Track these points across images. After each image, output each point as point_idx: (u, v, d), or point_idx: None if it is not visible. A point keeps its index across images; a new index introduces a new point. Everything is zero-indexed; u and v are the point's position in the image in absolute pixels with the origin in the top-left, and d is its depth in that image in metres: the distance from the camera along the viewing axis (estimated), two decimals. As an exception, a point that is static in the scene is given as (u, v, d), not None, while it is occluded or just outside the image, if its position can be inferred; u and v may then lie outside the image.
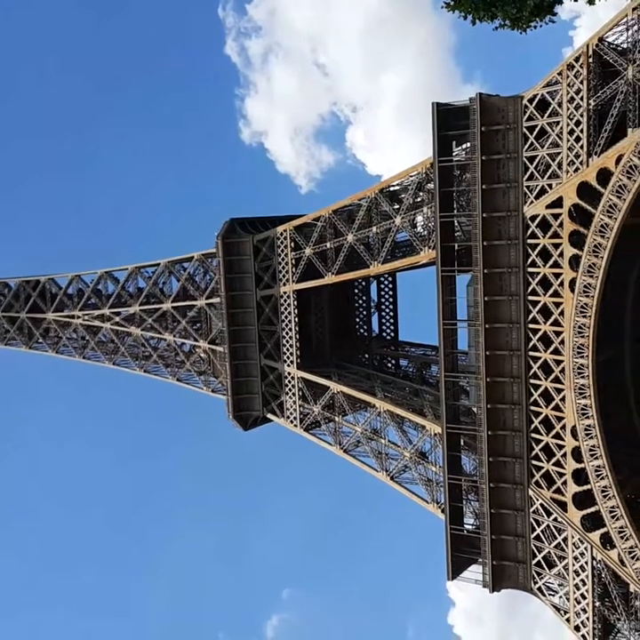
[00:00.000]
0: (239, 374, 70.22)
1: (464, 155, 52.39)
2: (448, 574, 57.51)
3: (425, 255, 56.11)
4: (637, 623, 50.52)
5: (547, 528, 53.13)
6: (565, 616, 53.36)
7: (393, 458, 62.92)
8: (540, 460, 52.44)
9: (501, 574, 55.55)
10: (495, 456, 53.92)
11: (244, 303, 68.78)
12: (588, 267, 46.61)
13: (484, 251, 50.72)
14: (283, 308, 67.37)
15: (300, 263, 64.99)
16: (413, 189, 56.26)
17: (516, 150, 48.90)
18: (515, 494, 54.39)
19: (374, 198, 59.15)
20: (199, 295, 72.28)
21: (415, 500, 60.97)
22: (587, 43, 44.58)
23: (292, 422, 68.91)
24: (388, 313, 79.13)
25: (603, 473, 48.89)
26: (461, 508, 58.07)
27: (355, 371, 71.78)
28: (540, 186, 48.14)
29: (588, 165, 45.41)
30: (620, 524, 48.86)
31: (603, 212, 45.35)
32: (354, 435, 65.03)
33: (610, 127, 44.37)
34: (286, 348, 68.02)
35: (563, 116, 46.07)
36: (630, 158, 43.65)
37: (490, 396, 53.00)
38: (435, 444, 59.13)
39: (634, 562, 48.71)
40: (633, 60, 43.13)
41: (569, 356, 48.95)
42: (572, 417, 49.71)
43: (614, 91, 44.04)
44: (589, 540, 50.60)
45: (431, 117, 50.96)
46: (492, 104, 49.20)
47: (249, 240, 67.42)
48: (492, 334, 52.21)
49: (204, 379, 74.64)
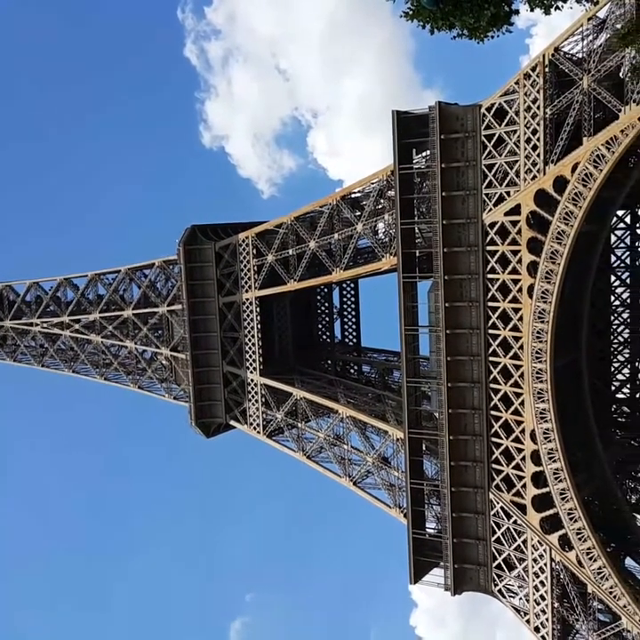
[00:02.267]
0: (201, 381, 69.98)
1: (424, 162, 52.97)
2: (410, 578, 57.89)
3: (386, 262, 56.55)
4: (595, 623, 51.33)
5: (507, 531, 53.78)
6: (525, 617, 54.04)
7: (356, 463, 63.15)
8: (501, 463, 53.11)
9: (463, 577, 56.07)
10: (456, 460, 54.47)
11: (206, 310, 68.60)
12: (546, 273, 47.42)
13: (444, 257, 51.30)
14: (245, 314, 67.33)
15: (263, 270, 65.05)
16: (374, 196, 56.71)
17: (474, 158, 49.59)
18: (476, 498, 54.99)
19: (336, 205, 59.49)
20: (160, 302, 71.91)
21: (378, 505, 61.27)
22: (543, 52, 45.41)
23: (255, 429, 68.84)
24: (350, 319, 79.56)
25: (561, 475, 49.69)
26: (423, 513, 58.52)
27: (317, 377, 71.95)
28: (499, 193, 48.88)
29: (545, 173, 46.26)
30: (577, 525, 49.68)
31: (559, 219, 46.20)
32: (317, 441, 65.16)
33: (566, 136, 45.25)
34: (249, 355, 67.97)
35: (520, 124, 46.88)
36: (586, 166, 44.56)
37: (451, 401, 53.55)
38: (397, 449, 59.51)
39: (591, 563, 49.54)
40: (588, 70, 44.04)
41: (528, 361, 49.70)
42: (530, 421, 50.45)
43: (570, 100, 44.92)
44: (548, 542, 51.35)
45: (391, 125, 51.48)
46: (450, 112, 49.85)
47: (211, 247, 67.30)
48: (452, 340, 52.79)
49: (166, 386, 74.21)
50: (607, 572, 49.12)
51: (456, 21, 29.80)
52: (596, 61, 43.71)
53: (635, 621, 48.59)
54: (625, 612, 48.93)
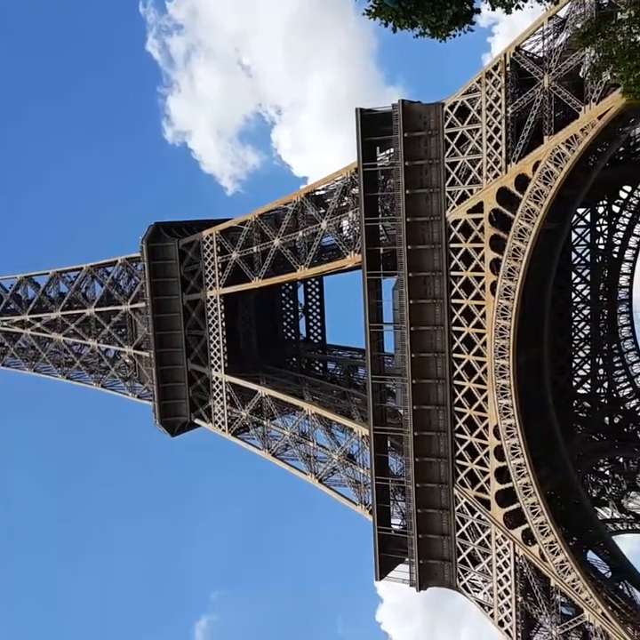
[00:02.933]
0: (165, 380, 69.46)
1: (388, 160, 53.10)
2: (376, 574, 58.09)
3: (351, 259, 56.60)
4: (558, 617, 51.99)
5: (471, 526, 54.22)
6: (489, 612, 54.54)
7: (321, 460, 63.15)
8: (465, 459, 53.51)
9: (428, 573, 56.41)
10: (421, 456, 54.75)
11: (170, 308, 68.11)
12: (508, 270, 47.84)
13: (408, 255, 51.48)
14: (210, 312, 66.98)
15: (227, 267, 64.75)
16: (339, 194, 56.72)
17: (437, 156, 49.82)
18: (440, 494, 55.34)
19: (300, 202, 59.39)
20: (124, 300, 71.25)
21: (343, 502, 61.38)
22: (504, 51, 45.77)
23: (220, 427, 68.54)
24: (315, 317, 79.58)
25: (524, 471, 50.21)
26: (389, 509, 58.74)
27: (283, 374, 71.84)
28: (462, 191, 49.17)
29: (507, 172, 46.64)
30: (540, 520, 50.24)
31: (521, 217, 46.63)
32: (282, 438, 65.06)
33: (527, 134, 45.66)
34: (214, 353, 67.64)
35: (482, 123, 47.20)
36: (546, 165, 45.02)
37: (415, 397, 53.81)
38: (362, 445, 59.65)
39: (554, 557, 50.14)
40: (549, 69, 44.47)
41: (491, 358, 50.13)
42: (494, 417, 50.89)
43: (531, 99, 45.34)
44: (512, 537, 51.87)
45: (355, 123, 51.52)
46: (413, 110, 50.01)
47: (174, 244, 66.83)
48: (417, 337, 53.02)
49: (130, 385, 73.55)
50: (569, 565, 49.74)
51: (418, 20, 29.84)
52: (556, 60, 44.18)
53: (596, 614, 49.28)
54: (587, 604, 49.60)
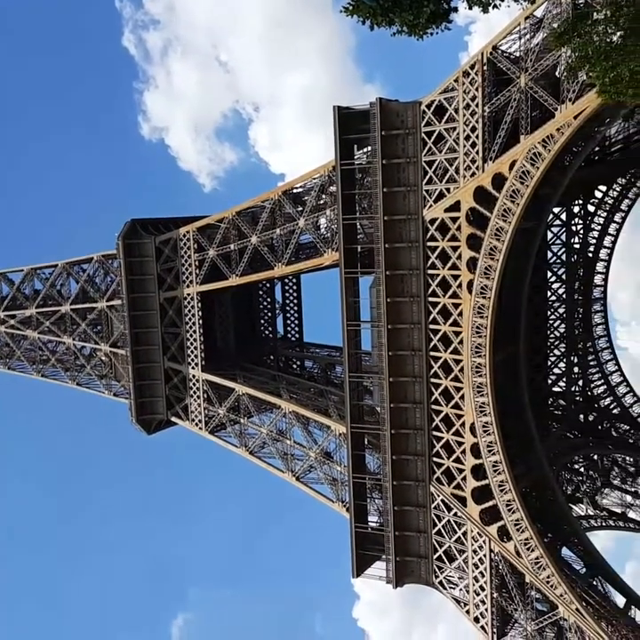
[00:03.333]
0: (142, 377, 69.08)
1: (365, 158, 53.11)
2: (353, 572, 58.19)
3: (328, 257, 56.61)
4: (533, 613, 52.37)
5: (447, 523, 54.46)
6: (465, 608, 54.83)
7: (299, 458, 63.15)
8: (441, 457, 53.73)
9: (404, 570, 56.60)
10: (398, 454, 54.91)
11: (147, 305, 67.72)
12: (485, 269, 48.06)
13: (385, 253, 51.57)
14: (186, 310, 66.71)
15: (204, 265, 64.51)
16: (316, 192, 56.68)
17: (415, 155, 49.92)
18: (417, 491, 55.54)
19: (278, 200, 59.28)
20: (99, 297, 70.78)
21: (321, 500, 61.41)
22: (481, 51, 45.93)
23: (197, 425, 68.30)
24: (292, 314, 79.55)
25: (500, 468, 50.51)
26: (366, 507, 58.81)
27: (260, 372, 71.75)
28: (439, 190, 49.32)
29: (484, 170, 46.83)
30: (516, 516, 50.59)
31: (498, 215, 46.86)
32: (259, 436, 64.97)
33: (504, 133, 45.88)
34: (190, 351, 67.38)
35: (459, 121, 47.35)
36: (523, 164, 45.26)
37: (393, 395, 53.92)
38: (339, 443, 59.71)
39: (529, 553, 50.51)
40: (525, 69, 44.69)
41: (467, 356, 50.34)
42: (470, 414, 51.14)
43: (508, 98, 45.55)
44: (487, 534, 52.18)
45: (333, 121, 51.50)
46: (391, 109, 50.07)
47: (151, 241, 66.46)
48: (394, 335, 53.14)
49: (106, 382, 73.09)
50: (544, 561, 50.13)
51: (395, 18, 29.89)
52: (532, 60, 44.41)
53: (571, 610, 49.72)
54: (561, 600, 50.02)
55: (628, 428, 75.85)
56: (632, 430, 75.74)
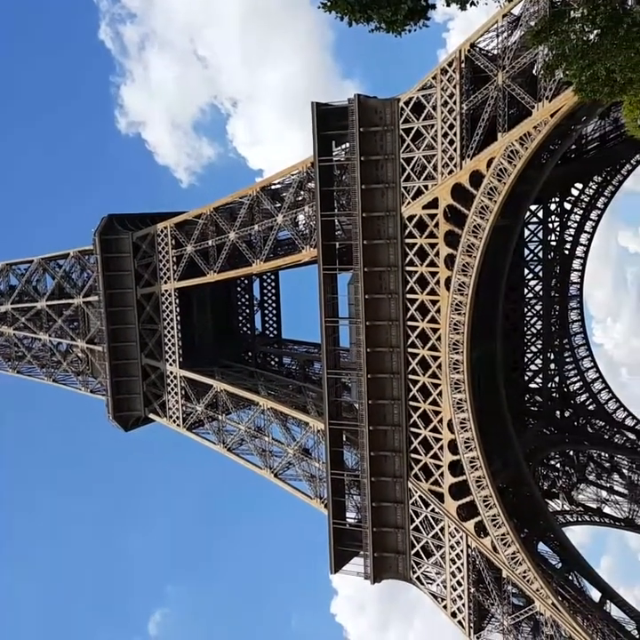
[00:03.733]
0: (119, 374, 68.69)
1: (344, 155, 53.11)
2: (331, 568, 58.29)
3: (307, 253, 56.57)
4: (510, 607, 52.76)
5: (425, 519, 54.69)
6: (442, 603, 55.11)
7: (277, 455, 63.12)
8: (419, 453, 53.93)
9: (382, 565, 56.78)
10: (376, 450, 55.03)
11: (124, 301, 67.31)
12: (463, 266, 48.25)
13: (364, 250, 51.61)
14: (164, 306, 66.39)
15: (182, 261, 64.23)
16: (295, 188, 56.58)
17: (393, 152, 49.97)
18: (395, 487, 55.71)
19: (256, 196, 59.13)
20: (76, 293, 70.26)
21: (299, 496, 61.43)
22: (459, 48, 46.04)
23: (175, 422, 68.04)
24: (270, 311, 79.45)
25: (477, 464, 50.79)
26: (344, 503, 58.95)
27: (238, 369, 71.58)
28: (417, 187, 49.42)
29: (462, 168, 46.97)
30: (492, 512, 50.90)
31: (475, 213, 47.05)
32: (237, 433, 64.85)
33: (481, 131, 46.03)
34: (168, 347, 67.08)
35: (437, 119, 47.46)
36: (500, 161, 45.47)
37: (371, 392, 54.01)
38: (318, 440, 59.73)
39: (506, 548, 50.85)
40: (502, 67, 44.86)
41: (445, 353, 50.53)
42: (448, 411, 51.36)
43: (485, 96, 45.71)
44: (464, 529, 52.45)
45: (311, 117, 51.41)
46: (369, 106, 50.07)
47: (128, 237, 66.04)
48: (372, 331, 53.22)
49: (83, 379, 72.59)
50: (521, 556, 50.48)
51: (373, 14, 29.86)
52: (510, 58, 44.59)
53: (547, 604, 50.13)
54: (538, 595, 50.42)
55: (604, 424, 76.59)
56: (607, 426, 76.50)
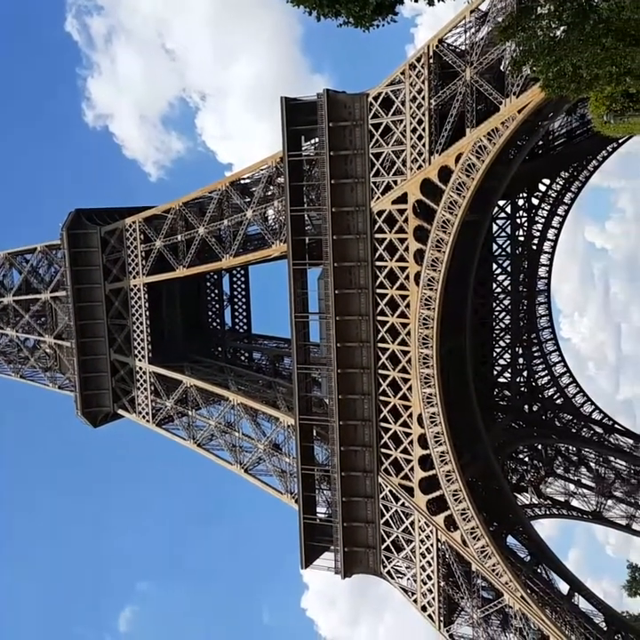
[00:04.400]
0: (87, 370, 68.05)
1: (313, 150, 53.04)
2: (302, 563, 58.33)
3: (276, 248, 56.44)
4: (479, 601, 53.15)
5: (395, 513, 54.89)
6: (413, 597, 55.38)
7: (247, 450, 62.97)
8: (389, 447, 54.09)
9: (352, 560, 56.91)
10: (346, 445, 55.10)
11: (92, 296, 66.69)
12: (432, 261, 48.42)
13: (333, 245, 51.57)
14: (133, 301, 65.87)
15: (151, 256, 63.76)
16: (264, 183, 56.39)
17: (362, 147, 49.97)
18: (365, 482, 55.82)
19: (225, 191, 58.85)
20: (43, 288, 69.50)
21: (269, 492, 61.36)
22: (427, 44, 46.13)
23: (144, 418, 67.61)
24: (240, 306, 79.19)
25: (446, 458, 51.06)
26: (314, 498, 58.99)
27: (208, 364, 71.25)
28: (386, 182, 49.47)
29: (430, 163, 47.11)
30: (462, 506, 51.22)
31: (444, 208, 47.23)
32: (207, 428, 64.59)
33: (450, 127, 46.19)
34: (137, 342, 66.59)
35: (406, 114, 47.53)
36: (469, 157, 45.67)
37: (341, 386, 54.07)
38: (288, 435, 59.69)
39: (475, 542, 51.22)
40: (470, 62, 45.03)
41: (415, 347, 50.72)
42: (418, 405, 51.57)
43: (453, 91, 45.86)
44: (434, 523, 52.74)
45: (280, 112, 51.23)
46: (338, 100, 50.00)
47: (96, 232, 65.41)
48: (342, 326, 53.24)
49: (51, 375, 71.89)
50: (490, 550, 50.88)
51: (342, 9, 29.79)
52: (478, 54, 44.76)
53: (516, 597, 50.58)
54: (507, 588, 50.85)
55: (571, 418, 77.38)
56: (575, 420, 77.31)
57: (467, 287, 60.46)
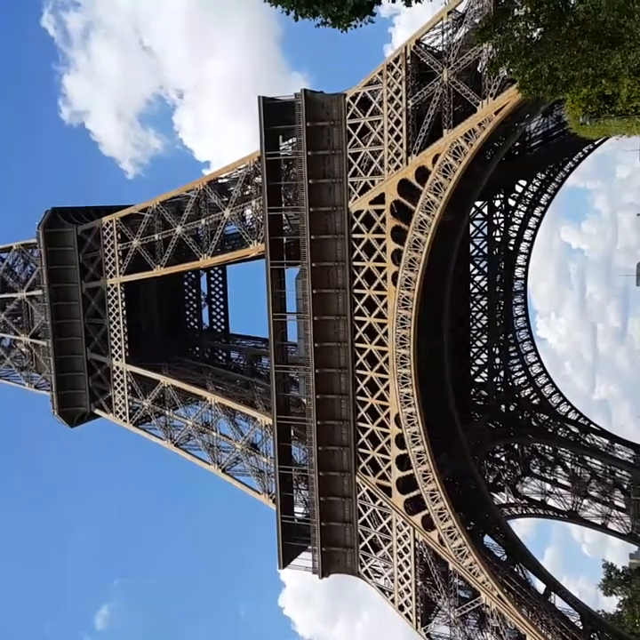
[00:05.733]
0: (64, 369, 67.57)
1: (291, 149, 52.95)
2: (279, 563, 58.24)
3: (254, 248, 56.33)
4: (456, 600, 53.34)
5: (373, 513, 54.96)
6: (390, 596, 55.48)
7: (225, 450, 62.82)
8: (367, 447, 54.15)
9: (330, 560, 56.92)
10: (324, 445, 55.11)
11: (69, 296, 66.25)
12: (409, 261, 48.53)
13: (311, 244, 51.56)
14: (110, 300, 65.48)
15: (128, 255, 63.39)
16: (242, 182, 56.25)
17: (340, 147, 49.97)
18: (343, 482, 55.86)
19: (203, 190, 58.63)
20: (19, 287, 68.92)
21: (247, 492, 61.22)
22: (405, 44, 46.20)
23: (121, 417, 67.23)
24: (218, 306, 79.03)
25: (424, 458, 51.20)
26: (292, 498, 58.92)
27: (186, 364, 71.04)
28: (364, 182, 49.52)
29: (408, 164, 47.19)
30: (439, 506, 51.39)
31: (422, 208, 47.33)
32: (185, 428, 64.36)
33: (427, 127, 46.28)
34: (114, 342, 66.19)
35: (383, 115, 47.58)
36: (446, 158, 45.80)
37: (319, 386, 54.06)
38: (266, 435, 59.59)
39: (452, 541, 51.39)
40: (448, 64, 45.15)
41: (392, 347, 50.82)
42: (395, 405, 51.68)
43: (431, 92, 45.97)
44: (412, 523, 52.86)
45: (258, 111, 51.12)
46: (316, 100, 49.97)
47: (72, 230, 64.95)
48: (320, 326, 53.23)
49: (26, 374, 71.32)
50: (467, 549, 51.08)
51: (319, 9, 29.82)
52: (455, 55, 44.89)
53: (493, 597, 50.82)
54: (484, 587, 51.08)
55: (548, 418, 77.92)
56: (551, 420, 77.84)
57: (444, 288, 60.70)
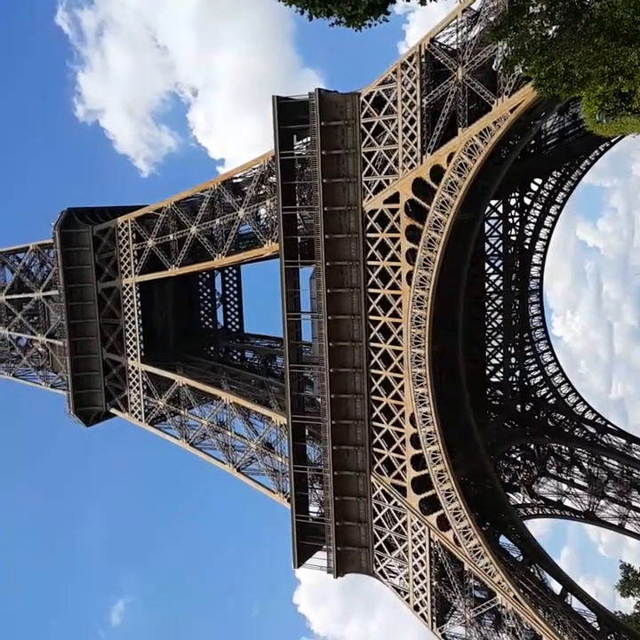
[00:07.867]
0: (80, 369, 67.89)
1: (305, 149, 52.92)
2: (294, 562, 58.25)
3: (268, 248, 56.36)
4: (472, 600, 53.14)
5: (387, 513, 54.86)
6: (405, 596, 55.35)
7: (239, 450, 62.90)
8: (382, 447, 54.05)
9: (345, 559, 56.88)
10: (339, 445, 55.04)
11: (85, 296, 66.57)
12: (424, 260, 48.39)
13: (325, 244, 51.51)
14: (125, 300, 65.72)
15: (143, 255, 63.61)
16: (256, 182, 56.29)
17: (354, 146, 49.90)
18: (357, 481, 55.77)
19: (217, 190, 58.73)
20: (36, 287, 69.31)
21: (262, 491, 61.29)
22: (419, 43, 46.07)
23: (137, 417, 67.46)
24: (232, 305, 79.12)
25: (439, 458, 51.06)
26: (307, 497, 58.92)
27: (200, 363, 71.20)
28: (378, 181, 49.42)
29: (422, 162, 47.06)
30: (454, 505, 51.21)
31: (436, 207, 47.19)
32: (200, 428, 64.50)
33: (442, 126, 46.14)
34: (129, 342, 66.43)
35: (398, 113, 47.47)
36: (460, 156, 45.64)
37: (333, 386, 54.00)
38: (280, 434, 59.63)
39: (468, 542, 51.20)
40: (462, 62, 44.97)
41: (407, 347, 50.68)
42: (410, 405, 51.54)
43: (445, 91, 45.81)
44: (427, 523, 52.71)
45: (272, 111, 51.13)
46: (330, 100, 49.91)
47: (88, 231, 65.25)
48: (334, 326, 53.19)
49: (43, 374, 71.71)
50: (482, 550, 50.85)
51: (334, 8, 29.75)
52: (469, 53, 44.69)
53: (509, 597, 50.58)
54: (499, 588, 50.85)
55: (564, 418, 77.46)
56: (567, 420, 77.38)
57: (459, 287, 60.48)
